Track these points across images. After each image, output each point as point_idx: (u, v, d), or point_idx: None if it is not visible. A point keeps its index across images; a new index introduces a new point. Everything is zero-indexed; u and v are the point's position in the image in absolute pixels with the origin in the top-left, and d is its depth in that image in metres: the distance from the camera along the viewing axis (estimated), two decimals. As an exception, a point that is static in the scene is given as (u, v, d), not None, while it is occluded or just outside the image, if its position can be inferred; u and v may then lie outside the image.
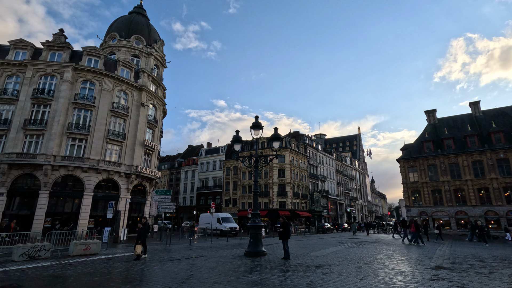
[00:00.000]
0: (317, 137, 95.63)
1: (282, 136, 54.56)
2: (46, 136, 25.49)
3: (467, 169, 35.53)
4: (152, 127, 33.41)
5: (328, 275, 8.43)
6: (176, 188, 65.69)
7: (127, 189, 28.57)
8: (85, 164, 25.92)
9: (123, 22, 36.88)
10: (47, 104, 26.48)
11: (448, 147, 37.88)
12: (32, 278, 7.88)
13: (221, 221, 31.13)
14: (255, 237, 12.89)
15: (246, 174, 53.25)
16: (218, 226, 30.39)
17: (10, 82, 27.00)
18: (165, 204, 22.74)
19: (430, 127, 42.34)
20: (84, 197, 25.60)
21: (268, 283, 7.29)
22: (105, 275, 8.28)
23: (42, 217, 23.71)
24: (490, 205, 33.31)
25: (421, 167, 38.65)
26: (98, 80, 28.71)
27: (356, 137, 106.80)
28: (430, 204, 36.85)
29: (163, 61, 38.14)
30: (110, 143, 28.30)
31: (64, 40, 28.95)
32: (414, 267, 10.06)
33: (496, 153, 34.21)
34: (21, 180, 24.88)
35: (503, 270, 9.77)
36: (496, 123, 36.79)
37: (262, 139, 51.02)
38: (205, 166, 61.98)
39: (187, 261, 11.04)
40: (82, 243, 13.06)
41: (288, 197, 49.02)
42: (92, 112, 27.88)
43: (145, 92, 32.01)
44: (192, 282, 7.34)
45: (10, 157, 23.93)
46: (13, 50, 27.76)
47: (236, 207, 52.82)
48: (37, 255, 11.41)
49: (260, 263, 10.57)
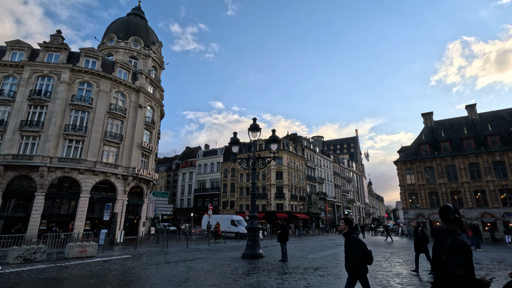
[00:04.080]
0: (315, 139, 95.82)
1: (280, 138, 54.83)
2: (43, 138, 25.32)
3: (463, 172, 35.73)
4: (150, 128, 33.31)
5: (326, 277, 8.42)
6: (173, 190, 65.40)
7: (124, 191, 28.40)
8: (81, 165, 25.76)
9: (121, 24, 36.84)
10: (43, 105, 26.32)
11: (444, 149, 38.09)
12: (27, 281, 7.79)
13: (236, 224, 31.07)
14: (252, 239, 12.86)
15: (243, 176, 53.16)
16: (234, 228, 30.24)
17: (6, 83, 26.81)
18: (162, 206, 22.63)
19: (427, 129, 42.57)
20: (80, 199, 25.40)
21: (265, 285, 7.27)
22: (101, 278, 8.21)
23: (37, 219, 23.46)
24: (486, 207, 33.48)
25: (418, 169, 38.82)
26: (96, 81, 28.61)
27: (354, 140, 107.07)
28: (427, 206, 36.98)
29: (161, 62, 38.10)
30: (107, 144, 28.16)
31: (61, 41, 28.85)
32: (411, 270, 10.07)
33: (492, 156, 34.45)
34: (17, 181, 24.64)
35: (499, 272, 9.82)
36: (492, 126, 37.07)
37: (260, 141, 51.02)
38: (203, 168, 61.81)
39: (184, 264, 10.97)
40: (78, 245, 12.94)
41: (286, 199, 48.97)
42: (89, 114, 27.74)
43: (142, 93, 31.93)
44: (189, 285, 7.30)
45: (6, 159, 23.72)
46: (10, 51, 27.61)
47: (234, 209, 52.67)
48: (33, 258, 11.29)
49: (258, 265, 10.54)
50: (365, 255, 4.65)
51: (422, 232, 9.55)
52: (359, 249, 4.57)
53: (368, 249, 4.76)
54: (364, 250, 4.65)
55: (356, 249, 4.57)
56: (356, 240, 4.66)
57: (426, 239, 9.41)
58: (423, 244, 9.38)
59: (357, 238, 4.71)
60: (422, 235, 9.49)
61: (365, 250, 4.67)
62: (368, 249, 4.75)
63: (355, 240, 4.64)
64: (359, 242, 4.64)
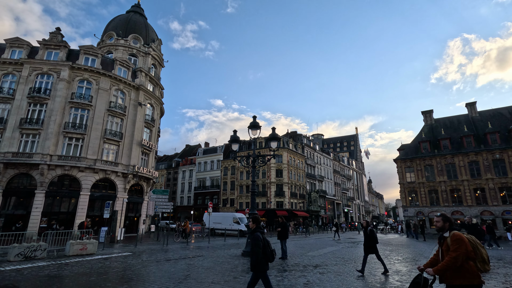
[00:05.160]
0: (315, 137, 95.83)
1: (280, 136, 54.83)
2: (43, 136, 25.31)
3: (463, 170, 35.75)
4: (150, 126, 33.28)
5: (325, 274, 8.45)
6: (173, 188, 65.49)
7: (124, 189, 28.44)
8: (81, 163, 25.76)
9: (120, 21, 36.69)
10: (43, 103, 26.28)
11: (444, 147, 38.08)
12: (28, 278, 7.82)
13: (239, 222, 30.80)
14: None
15: (243, 174, 53.20)
16: (237, 226, 29.65)
17: (6, 80, 26.75)
18: (162, 204, 22.65)
19: (427, 127, 42.55)
20: (80, 196, 25.44)
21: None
22: (102, 275, 8.23)
23: (38, 217, 23.52)
24: (486, 205, 33.54)
25: (418, 167, 38.84)
26: (95, 79, 28.55)
27: (354, 137, 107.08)
28: (427, 204, 37.04)
29: (160, 60, 38.00)
30: (107, 142, 28.15)
31: (60, 39, 28.75)
32: (410, 267, 10.11)
33: (492, 154, 34.45)
34: (17, 179, 24.67)
35: (498, 269, 9.85)
36: (492, 123, 37.05)
37: (259, 139, 51.00)
38: (203, 166, 61.86)
39: (184, 261, 11.01)
40: (78, 243, 12.98)
41: (286, 197, 49.04)
42: (89, 112, 27.71)
43: (142, 91, 31.88)
44: (189, 282, 7.33)
45: (5, 157, 23.73)
46: (9, 49, 27.52)
47: (234, 207, 52.76)
48: (33, 255, 11.33)
49: (258, 263, 10.55)
50: (265, 253, 4.78)
51: (371, 232, 8.91)
52: (259, 247, 4.70)
53: (271, 247, 4.91)
54: (265, 248, 4.78)
55: (256, 246, 4.71)
56: (259, 238, 4.78)
57: (375, 240, 8.83)
58: (372, 244, 8.78)
59: (259, 236, 4.82)
60: (371, 235, 8.86)
61: (266, 248, 4.80)
62: (271, 248, 4.90)
63: (257, 238, 4.77)
64: (260, 240, 4.77)
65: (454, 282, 3.39)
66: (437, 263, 3.62)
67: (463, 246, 3.38)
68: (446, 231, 3.69)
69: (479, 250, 3.51)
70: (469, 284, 3.33)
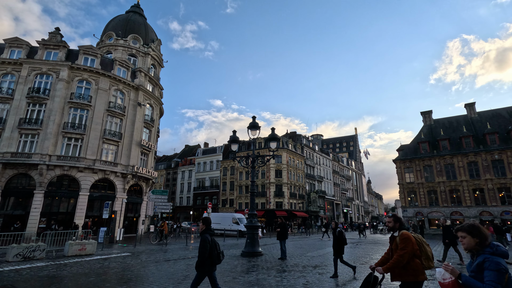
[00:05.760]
0: (314, 137, 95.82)
1: (279, 136, 54.82)
2: (42, 136, 25.25)
3: (462, 170, 35.80)
4: (149, 126, 33.25)
5: (324, 275, 8.44)
6: (172, 188, 65.41)
7: (123, 189, 28.39)
8: (81, 163, 25.72)
9: (120, 21, 36.66)
10: (42, 103, 26.23)
11: (443, 148, 38.14)
12: (27, 278, 7.80)
13: (239, 222, 30.52)
14: (251, 237, 12.89)
15: (243, 174, 53.17)
16: (236, 227, 29.57)
17: (5, 80, 26.69)
18: (161, 204, 22.68)
19: (426, 128, 42.62)
20: (79, 197, 25.39)
21: (264, 283, 7.28)
22: (101, 276, 8.22)
23: (37, 217, 23.46)
24: (485, 205, 33.59)
25: (417, 168, 38.88)
26: (95, 79, 28.51)
27: (353, 138, 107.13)
28: (426, 205, 37.08)
29: (160, 60, 37.98)
30: (106, 142, 28.11)
31: (60, 39, 28.71)
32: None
33: (491, 154, 34.52)
34: (16, 179, 24.60)
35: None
36: (491, 124, 37.12)
37: (259, 139, 50.98)
38: (202, 166, 61.81)
39: (184, 262, 10.99)
40: (77, 243, 12.95)
41: (285, 197, 49.03)
42: (88, 112, 27.67)
43: (142, 91, 31.85)
44: (188, 283, 7.31)
45: (4, 157, 23.67)
46: (8, 49, 27.47)
47: (233, 207, 52.73)
48: (32, 256, 11.30)
49: (257, 263, 10.56)
50: (211, 256, 4.87)
51: (340, 234, 8.48)
52: (205, 248, 4.81)
53: (219, 250, 5.01)
54: (212, 249, 4.88)
55: (203, 248, 4.82)
56: (206, 239, 4.88)
57: (344, 241, 8.41)
58: (340, 246, 8.37)
59: (208, 238, 4.91)
60: (340, 237, 8.42)
61: (212, 250, 4.89)
62: (218, 250, 4.99)
63: (204, 240, 4.88)
64: (208, 242, 4.87)
65: (403, 279, 3.58)
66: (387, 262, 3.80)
67: (410, 244, 3.59)
68: (396, 230, 3.88)
69: (424, 248, 3.71)
70: (414, 281, 3.52)
